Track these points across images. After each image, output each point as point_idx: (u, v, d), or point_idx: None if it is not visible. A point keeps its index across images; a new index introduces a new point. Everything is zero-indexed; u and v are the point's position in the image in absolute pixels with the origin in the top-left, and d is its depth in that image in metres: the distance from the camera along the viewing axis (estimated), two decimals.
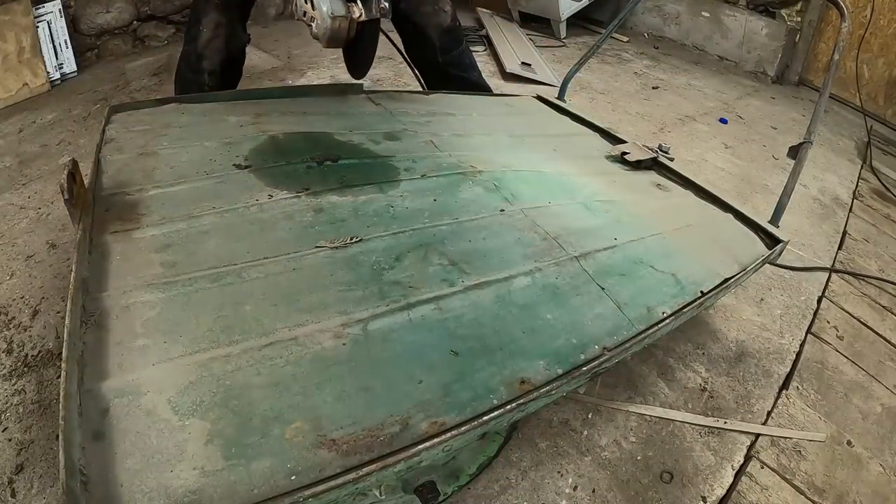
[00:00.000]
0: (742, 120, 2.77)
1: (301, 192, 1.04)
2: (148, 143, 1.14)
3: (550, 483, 0.98)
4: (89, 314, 0.73)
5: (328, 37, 1.40)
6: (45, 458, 0.91)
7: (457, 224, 1.04)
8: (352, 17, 1.41)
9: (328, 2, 1.38)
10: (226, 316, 0.77)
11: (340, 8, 1.39)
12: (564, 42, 3.46)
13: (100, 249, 0.85)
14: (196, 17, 1.70)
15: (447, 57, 1.83)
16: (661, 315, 0.93)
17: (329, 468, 0.60)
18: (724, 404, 1.20)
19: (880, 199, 2.32)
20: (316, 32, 1.43)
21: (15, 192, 1.51)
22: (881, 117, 3.17)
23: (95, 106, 1.99)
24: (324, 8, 1.37)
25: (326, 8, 1.37)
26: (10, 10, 1.91)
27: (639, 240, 1.11)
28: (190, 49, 1.67)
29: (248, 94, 1.50)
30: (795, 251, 1.76)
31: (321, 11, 1.38)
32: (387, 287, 0.86)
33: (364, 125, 1.35)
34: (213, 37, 1.68)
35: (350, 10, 1.40)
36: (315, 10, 1.39)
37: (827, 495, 1.04)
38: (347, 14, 1.40)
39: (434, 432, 0.66)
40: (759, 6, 3.40)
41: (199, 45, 1.65)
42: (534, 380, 0.76)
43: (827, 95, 1.25)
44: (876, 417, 1.25)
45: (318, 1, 1.38)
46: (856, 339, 1.47)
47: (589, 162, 1.42)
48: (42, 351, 1.08)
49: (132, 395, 0.64)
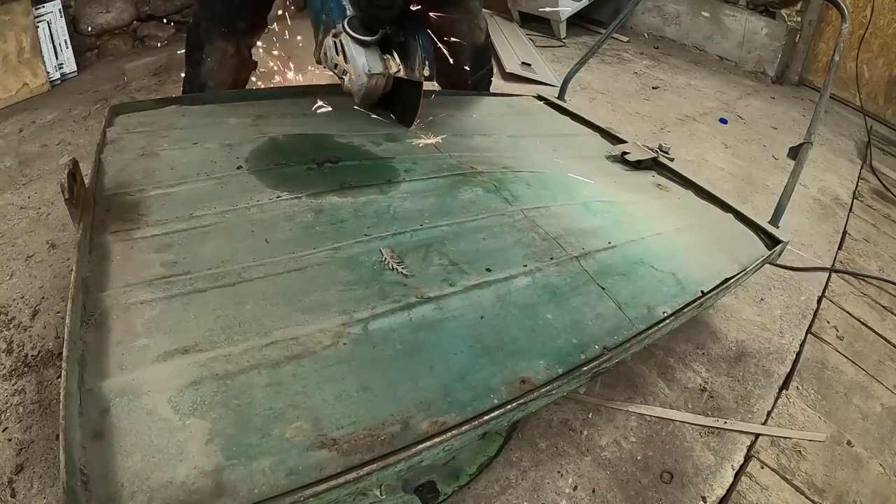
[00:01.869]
0: (742, 120, 2.77)
1: (301, 194, 1.04)
2: (148, 144, 1.14)
3: (550, 483, 0.98)
4: (90, 314, 0.73)
5: (362, 94, 1.31)
6: (45, 458, 0.91)
7: (457, 225, 1.04)
8: (389, 74, 1.31)
9: (363, 56, 1.26)
10: (226, 316, 0.77)
11: (377, 65, 1.29)
12: (564, 42, 3.46)
13: (100, 249, 0.85)
14: (198, 42, 1.60)
15: (475, 76, 1.78)
16: (661, 315, 0.93)
17: (329, 468, 0.61)
18: (724, 404, 1.20)
19: (880, 199, 2.32)
20: (349, 87, 1.33)
21: (15, 192, 1.51)
22: (881, 117, 3.17)
23: (95, 106, 1.99)
24: (359, 63, 1.27)
25: (362, 63, 1.26)
26: (10, 10, 1.91)
27: (639, 240, 1.11)
28: (193, 74, 1.59)
29: (249, 94, 1.50)
30: (795, 251, 1.76)
31: (356, 66, 1.27)
32: (387, 287, 0.86)
33: (364, 126, 1.34)
34: (218, 67, 1.59)
35: (387, 65, 1.30)
36: (348, 63, 1.29)
37: (827, 495, 1.04)
38: (384, 71, 1.30)
39: (434, 432, 0.66)
40: (759, 6, 3.40)
41: (203, 74, 1.57)
42: (534, 379, 0.76)
43: (827, 95, 1.26)
44: (876, 417, 1.25)
45: (353, 54, 1.27)
46: (856, 339, 1.47)
47: (589, 162, 1.42)
48: (42, 351, 1.09)
49: (133, 394, 0.64)
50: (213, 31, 1.56)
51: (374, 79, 1.28)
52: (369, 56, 1.28)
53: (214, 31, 1.56)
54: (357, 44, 1.27)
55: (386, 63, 1.30)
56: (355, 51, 1.27)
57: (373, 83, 1.29)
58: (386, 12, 1.25)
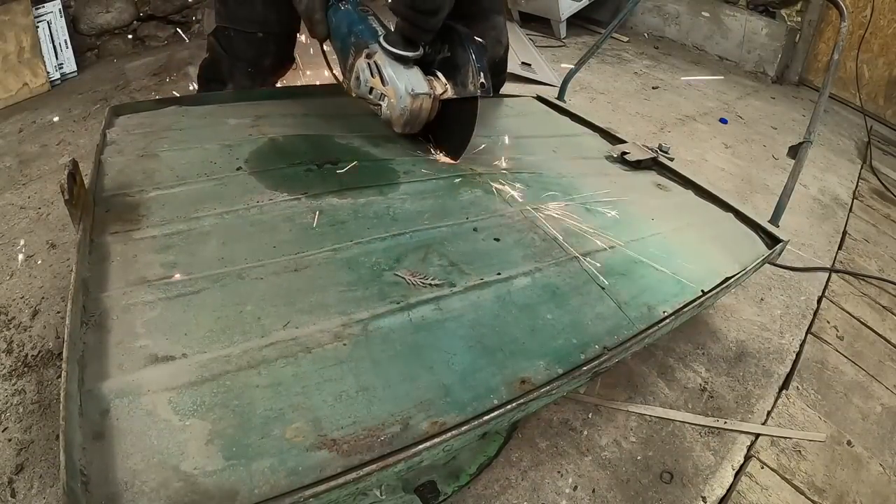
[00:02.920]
0: (742, 120, 2.77)
1: (301, 195, 1.04)
2: (148, 145, 1.14)
3: (550, 483, 0.98)
4: (90, 314, 0.73)
5: (405, 119, 1.15)
6: (45, 458, 0.91)
7: (457, 226, 1.04)
8: (435, 95, 1.14)
9: (405, 77, 1.10)
10: (226, 316, 0.77)
11: (421, 84, 1.12)
12: (564, 42, 3.46)
13: (100, 250, 0.85)
14: (218, 77, 1.48)
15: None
16: (661, 314, 0.93)
17: (329, 468, 0.61)
18: (724, 404, 1.20)
19: (880, 199, 2.32)
20: (387, 114, 1.15)
21: (15, 192, 1.51)
22: (881, 117, 3.17)
23: (95, 106, 1.99)
24: (399, 83, 1.10)
25: (404, 83, 1.10)
26: (10, 10, 1.91)
27: (639, 239, 1.11)
28: None
29: (249, 95, 1.50)
30: (795, 251, 1.76)
31: (396, 87, 1.10)
32: (387, 288, 0.86)
33: (364, 127, 1.34)
34: None
35: (432, 85, 1.14)
36: (387, 85, 1.11)
37: (827, 495, 1.04)
38: (430, 91, 1.13)
39: (434, 432, 0.66)
40: (759, 6, 3.41)
41: None
42: (534, 379, 0.76)
43: (827, 95, 1.26)
44: (876, 417, 1.25)
45: (391, 74, 1.11)
46: (856, 339, 1.47)
47: (589, 162, 1.42)
48: (42, 351, 1.09)
49: (133, 395, 0.64)
50: (236, 70, 1.47)
51: (419, 100, 1.13)
52: (411, 75, 1.12)
53: (239, 70, 1.47)
54: (396, 61, 1.13)
55: (431, 83, 1.15)
56: (394, 70, 1.12)
57: (417, 105, 1.13)
58: (431, 18, 1.09)
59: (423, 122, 1.19)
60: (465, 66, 1.12)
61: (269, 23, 1.45)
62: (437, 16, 1.09)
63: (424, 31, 1.11)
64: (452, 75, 1.15)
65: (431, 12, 1.08)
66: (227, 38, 1.47)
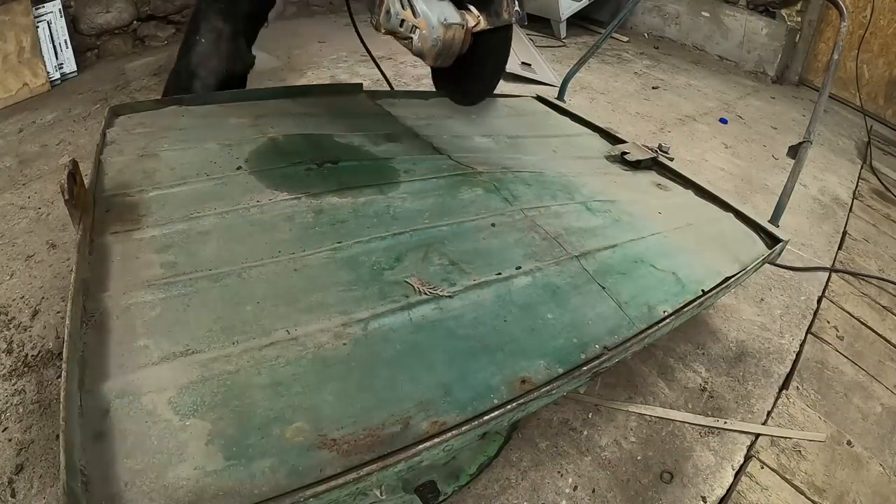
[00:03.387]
0: (742, 120, 2.77)
1: (301, 194, 1.04)
2: (148, 144, 1.14)
3: (550, 483, 0.98)
4: (90, 314, 0.73)
5: (437, 49, 1.13)
6: (45, 458, 0.90)
7: (457, 225, 1.04)
8: (467, 27, 1.15)
9: (438, 7, 1.10)
10: (226, 316, 0.77)
11: (454, 15, 1.12)
12: (564, 42, 3.46)
13: (100, 250, 0.85)
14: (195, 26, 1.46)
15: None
16: (661, 314, 0.93)
17: (330, 468, 0.61)
18: (724, 404, 1.20)
19: (880, 199, 2.32)
20: (419, 46, 1.15)
21: (15, 192, 1.51)
22: (881, 117, 3.17)
23: (95, 106, 1.99)
24: (432, 14, 1.09)
25: (436, 16, 1.09)
26: (10, 10, 1.91)
27: (639, 239, 1.11)
28: (181, 66, 1.43)
29: (248, 94, 1.50)
30: (795, 251, 1.76)
31: (428, 18, 1.10)
32: (387, 287, 0.86)
33: (364, 127, 1.34)
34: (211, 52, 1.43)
35: (465, 18, 1.14)
36: (418, 17, 1.11)
37: (827, 495, 1.04)
38: (463, 22, 1.12)
39: (434, 432, 0.66)
40: (759, 6, 3.40)
41: (193, 62, 1.41)
42: (534, 379, 0.76)
43: (826, 95, 1.26)
44: (876, 417, 1.25)
45: (423, 8, 1.10)
46: (856, 339, 1.47)
47: (589, 162, 1.42)
48: (42, 351, 1.08)
49: (133, 395, 0.64)
50: (211, 10, 1.43)
51: (452, 30, 1.12)
52: (444, 6, 1.12)
53: (213, 9, 1.43)
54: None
55: (464, 15, 1.14)
56: (426, 2, 1.11)
57: (450, 35, 1.12)
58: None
59: (455, 54, 1.18)
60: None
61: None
62: None
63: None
64: (485, 6, 1.14)
65: None
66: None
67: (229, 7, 1.45)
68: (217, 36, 1.43)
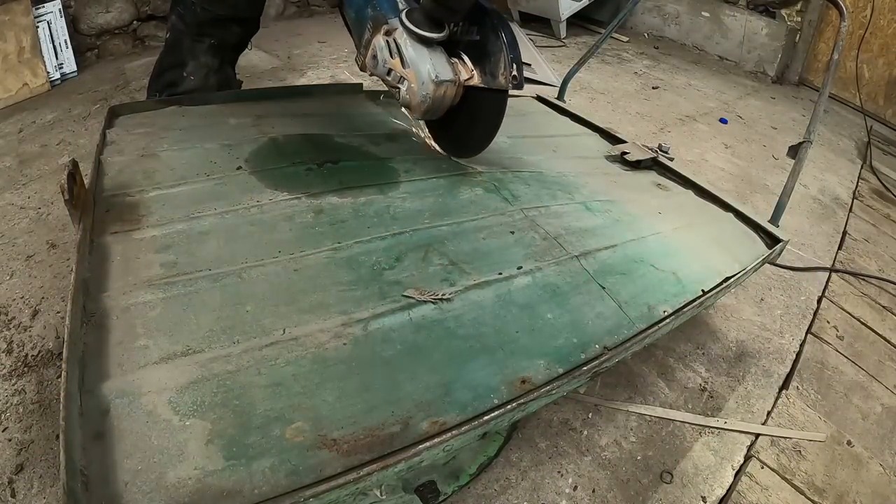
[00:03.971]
0: (742, 120, 2.77)
1: (301, 194, 1.04)
2: (148, 145, 1.14)
3: (550, 483, 0.98)
4: (90, 314, 0.73)
5: (426, 107, 1.06)
6: (45, 458, 0.91)
7: (457, 225, 1.04)
8: (459, 81, 1.05)
9: (427, 58, 1.02)
10: (226, 316, 0.77)
11: (446, 70, 1.04)
12: (564, 42, 3.46)
13: (100, 250, 0.85)
14: (179, 59, 1.42)
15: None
16: (661, 314, 0.93)
17: (330, 468, 0.60)
18: (724, 404, 1.20)
19: (880, 199, 2.32)
20: (407, 98, 1.07)
21: (15, 192, 1.51)
22: (881, 117, 3.17)
23: (95, 106, 1.99)
24: (423, 68, 1.01)
25: (427, 68, 1.01)
26: (10, 10, 1.91)
27: (639, 239, 1.11)
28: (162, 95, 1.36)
29: (249, 94, 1.50)
30: (795, 251, 1.76)
31: (418, 72, 1.02)
32: (387, 287, 0.86)
33: (364, 126, 1.34)
34: (201, 88, 1.41)
35: (457, 69, 1.06)
36: (407, 68, 1.03)
37: (827, 495, 1.04)
38: (455, 77, 1.05)
39: (434, 432, 0.66)
40: (759, 6, 3.41)
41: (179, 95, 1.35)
42: (534, 379, 0.76)
43: (826, 95, 1.26)
44: (876, 417, 1.25)
45: (413, 57, 1.02)
46: (856, 339, 1.47)
47: (589, 162, 1.42)
48: (42, 351, 1.08)
49: (133, 395, 0.64)
50: (199, 48, 1.40)
51: (443, 87, 1.04)
52: (435, 58, 1.03)
53: (202, 46, 1.40)
54: (419, 42, 1.03)
55: (455, 67, 1.06)
56: (416, 52, 1.03)
57: (441, 92, 1.04)
58: (463, 1, 1.00)
59: (446, 109, 1.11)
60: (497, 56, 1.03)
61: (239, 6, 1.43)
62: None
63: (454, 13, 1.02)
64: (481, 62, 1.05)
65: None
66: (192, 14, 1.41)
67: (219, 43, 1.44)
68: (206, 72, 1.42)
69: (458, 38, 1.09)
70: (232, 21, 1.46)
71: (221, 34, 1.45)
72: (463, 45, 1.09)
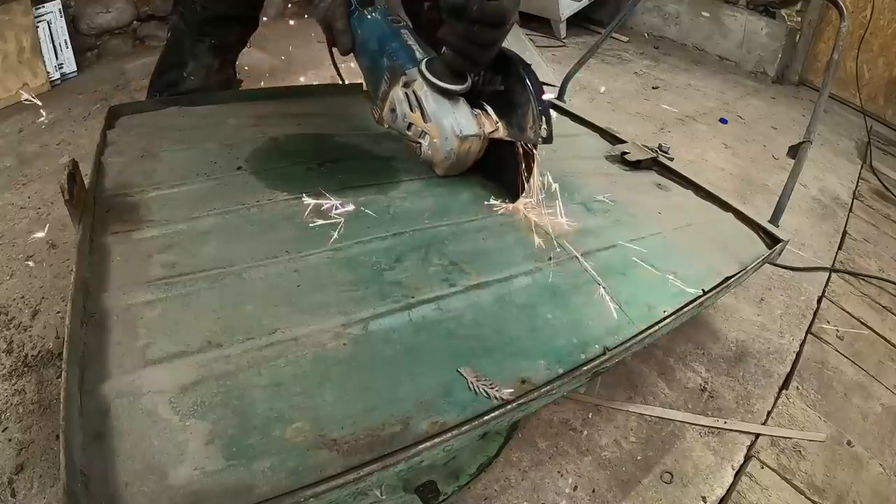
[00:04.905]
0: (742, 120, 2.77)
1: (301, 194, 1.04)
2: (148, 145, 1.14)
3: (550, 483, 0.98)
4: (90, 314, 0.73)
5: (450, 163, 1.01)
6: (45, 458, 0.90)
7: (457, 225, 1.04)
8: (484, 134, 0.99)
9: (450, 112, 0.95)
10: (226, 316, 0.77)
11: (471, 125, 0.97)
12: (564, 42, 3.46)
13: (100, 250, 0.85)
14: (179, 58, 1.42)
15: None
16: (661, 314, 0.93)
17: (330, 468, 0.60)
18: (724, 404, 1.20)
19: (880, 199, 2.32)
20: (429, 155, 1.02)
21: (15, 192, 1.50)
22: (881, 117, 3.17)
23: (95, 106, 1.99)
24: (445, 122, 0.95)
25: (450, 123, 0.95)
26: (10, 10, 1.91)
27: (639, 239, 1.11)
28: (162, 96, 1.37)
29: (249, 94, 1.50)
30: (795, 251, 1.76)
31: (441, 127, 0.96)
32: (387, 287, 0.86)
33: (364, 126, 1.34)
34: (202, 87, 1.41)
35: (481, 121, 0.99)
36: (429, 122, 0.97)
37: (827, 495, 1.04)
38: (480, 131, 0.98)
39: (435, 432, 0.66)
40: (759, 6, 3.41)
41: None
42: (534, 379, 0.76)
43: (826, 95, 1.26)
44: (876, 417, 1.25)
45: (435, 110, 0.95)
46: (856, 339, 1.47)
47: (589, 162, 1.42)
48: (42, 351, 1.08)
49: (133, 395, 0.64)
50: (199, 48, 1.41)
51: (468, 142, 0.98)
52: (458, 111, 0.97)
53: (202, 47, 1.41)
54: (440, 95, 0.97)
55: (479, 120, 1.00)
56: (438, 105, 0.97)
57: (465, 148, 0.98)
58: (488, 51, 0.94)
59: (470, 164, 1.07)
60: (525, 108, 0.97)
61: (238, 4, 1.45)
62: (494, 48, 0.96)
63: (477, 65, 0.98)
64: (506, 113, 1.00)
65: (490, 44, 0.94)
66: (193, 13, 1.43)
67: (220, 42, 1.44)
68: (207, 72, 1.43)
69: (481, 88, 1.03)
70: (232, 19, 1.47)
71: (222, 33, 1.47)
72: (486, 95, 1.04)
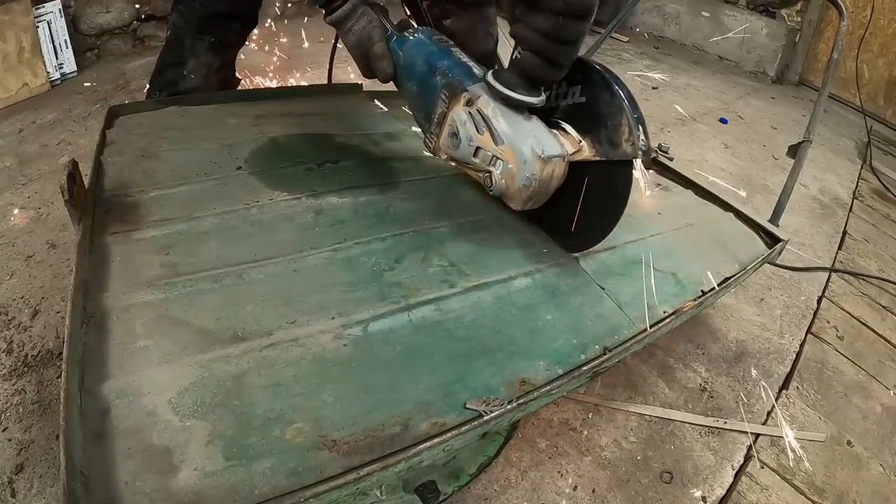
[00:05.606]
0: (742, 120, 2.77)
1: (301, 194, 1.04)
2: (148, 145, 1.14)
3: (550, 483, 0.98)
4: (89, 315, 0.73)
5: (530, 192, 0.84)
6: (45, 458, 0.91)
7: (456, 226, 1.04)
8: (567, 156, 0.83)
9: (529, 132, 0.80)
10: (226, 317, 0.77)
11: (553, 144, 0.82)
12: None
13: (100, 250, 0.85)
14: (179, 57, 1.41)
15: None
16: (661, 314, 0.93)
17: (330, 468, 0.61)
18: (724, 404, 1.20)
19: (880, 199, 2.32)
20: (503, 185, 0.86)
21: (15, 192, 1.50)
22: (881, 117, 3.17)
23: (95, 106, 1.99)
24: (524, 144, 0.80)
25: (530, 144, 0.80)
26: (10, 10, 1.91)
27: (639, 240, 1.11)
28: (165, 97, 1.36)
29: (249, 94, 1.50)
30: (795, 251, 1.76)
31: (516, 148, 0.80)
32: (387, 288, 0.86)
33: (364, 126, 1.34)
34: (202, 86, 1.41)
35: (561, 141, 0.84)
36: (501, 145, 0.81)
37: (827, 495, 1.04)
38: (563, 151, 0.83)
39: (434, 432, 0.66)
40: (759, 6, 3.40)
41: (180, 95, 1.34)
42: (534, 380, 0.76)
43: (826, 95, 1.26)
44: (876, 417, 1.25)
45: (508, 130, 0.80)
46: (856, 339, 1.47)
47: None
48: (42, 351, 1.08)
49: (133, 395, 0.64)
50: (199, 46, 1.39)
51: (552, 165, 0.81)
52: (536, 129, 0.82)
53: (202, 45, 1.39)
54: (512, 111, 0.82)
55: (561, 141, 0.84)
56: (510, 123, 0.81)
57: (548, 172, 0.82)
58: (571, 49, 0.78)
59: (552, 193, 0.89)
60: (617, 118, 0.80)
61: (238, 2, 1.44)
62: (577, 47, 0.80)
63: (558, 68, 0.81)
64: (591, 129, 0.84)
65: (574, 42, 0.78)
66: (192, 11, 1.42)
67: (219, 41, 1.43)
68: (206, 71, 1.41)
69: (555, 103, 0.88)
70: (231, 17, 1.48)
71: (221, 31, 1.47)
72: (562, 112, 0.88)
